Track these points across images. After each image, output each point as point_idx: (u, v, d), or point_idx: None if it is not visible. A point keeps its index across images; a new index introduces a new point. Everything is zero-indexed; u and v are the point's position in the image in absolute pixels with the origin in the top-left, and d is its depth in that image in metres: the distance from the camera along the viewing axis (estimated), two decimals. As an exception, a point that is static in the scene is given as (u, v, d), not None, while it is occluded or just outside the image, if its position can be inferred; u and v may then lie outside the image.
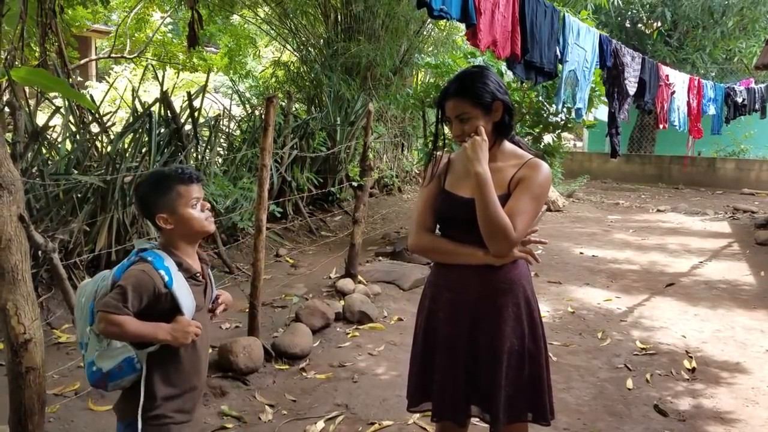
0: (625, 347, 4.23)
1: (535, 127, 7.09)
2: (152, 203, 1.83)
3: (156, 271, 1.76)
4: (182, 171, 1.86)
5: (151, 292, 1.74)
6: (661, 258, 7.09)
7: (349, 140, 7.90)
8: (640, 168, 15.79)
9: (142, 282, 1.74)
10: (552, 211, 10.32)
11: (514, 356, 2.00)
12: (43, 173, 4.16)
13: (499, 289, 2.00)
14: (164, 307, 1.77)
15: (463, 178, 2.04)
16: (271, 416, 3.14)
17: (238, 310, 4.52)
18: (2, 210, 2.08)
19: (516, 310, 2.01)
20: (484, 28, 4.03)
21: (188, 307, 1.80)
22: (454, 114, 2.00)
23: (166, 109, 5.38)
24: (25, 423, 2.23)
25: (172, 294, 1.76)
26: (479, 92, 1.96)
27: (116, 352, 1.78)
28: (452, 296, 2.05)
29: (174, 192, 1.82)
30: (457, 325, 2.03)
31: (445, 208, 2.06)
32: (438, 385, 2.07)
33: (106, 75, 15.14)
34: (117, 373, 1.78)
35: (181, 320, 1.78)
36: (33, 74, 3.71)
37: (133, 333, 1.72)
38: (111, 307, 1.69)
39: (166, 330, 1.75)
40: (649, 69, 6.63)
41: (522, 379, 2.01)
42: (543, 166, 2.00)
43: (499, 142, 2.04)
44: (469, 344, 2.02)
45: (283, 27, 10.04)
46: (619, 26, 15.22)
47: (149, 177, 1.91)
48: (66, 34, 6.68)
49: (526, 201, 1.93)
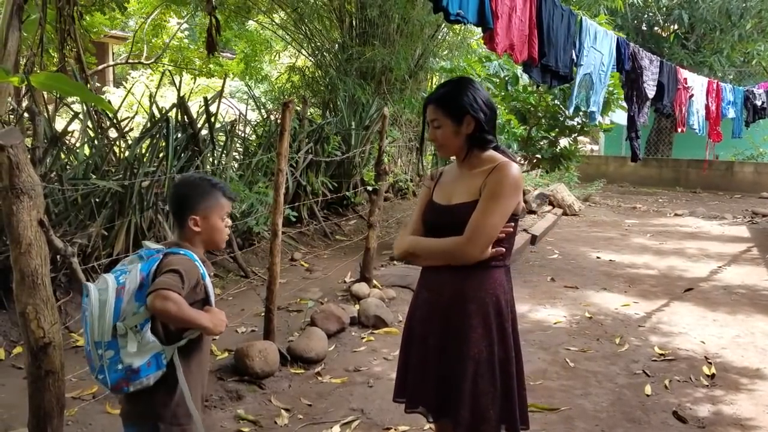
0: (643, 353, 4.19)
1: (551, 130, 7.06)
2: (191, 203, 1.93)
3: (194, 263, 1.85)
4: (226, 188, 2.00)
5: (195, 281, 1.83)
6: (680, 263, 7.02)
7: (364, 144, 7.90)
8: (657, 172, 15.65)
9: (192, 269, 1.83)
10: (568, 215, 10.25)
11: (483, 364, 2.03)
12: (61, 178, 4.20)
13: (469, 295, 2.05)
14: (197, 298, 1.86)
15: (445, 186, 2.18)
16: (287, 420, 3.14)
17: (254, 314, 4.54)
18: (22, 215, 2.09)
19: (485, 318, 2.05)
20: (501, 32, 4.02)
21: (213, 301, 1.91)
22: (429, 119, 2.13)
23: (183, 115, 5.41)
24: (44, 426, 2.24)
25: (205, 286, 1.87)
26: (452, 104, 2.06)
27: (148, 347, 1.80)
28: (428, 296, 2.15)
29: (215, 200, 1.94)
30: (429, 325, 2.12)
31: (429, 216, 2.17)
32: (411, 379, 2.17)
33: (123, 81, 15.30)
34: (145, 370, 1.80)
35: (213, 310, 1.87)
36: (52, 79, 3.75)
37: (186, 313, 1.77)
38: (172, 286, 1.75)
39: (207, 317, 1.83)
40: (668, 72, 6.57)
41: (493, 389, 2.04)
42: (509, 166, 2.05)
43: (473, 152, 2.12)
44: (439, 345, 2.09)
45: (298, 32, 10.09)
46: (636, 29, 15.11)
47: (196, 178, 2.01)
48: (84, 40, 6.75)
49: (489, 203, 1.99)
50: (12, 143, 2.04)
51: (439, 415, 2.14)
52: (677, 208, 11.66)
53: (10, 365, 3.63)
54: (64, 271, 3.80)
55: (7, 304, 4.00)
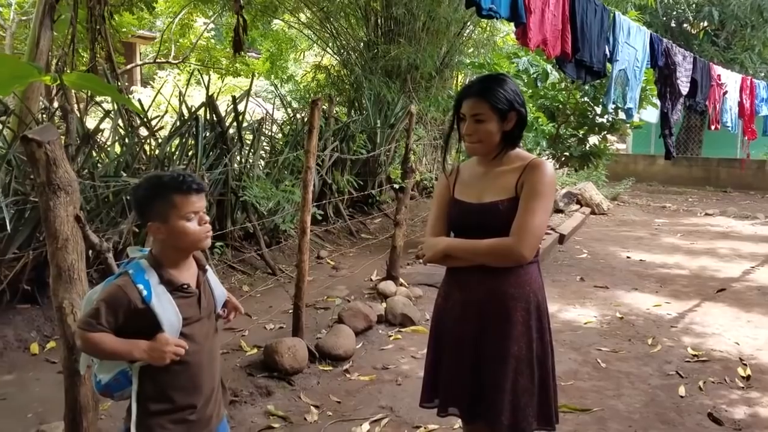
0: (676, 354, 4.11)
1: (580, 128, 6.97)
2: (145, 210, 1.73)
3: (134, 286, 1.67)
4: (182, 180, 1.70)
5: (125, 308, 1.65)
6: (711, 263, 6.88)
7: (389, 143, 7.89)
8: (687, 170, 15.37)
9: (115, 298, 1.66)
10: (596, 214, 10.12)
11: (522, 362, 2.01)
12: (93, 175, 4.25)
13: (508, 293, 2.02)
14: (144, 323, 1.66)
15: (471, 184, 2.12)
16: (316, 417, 3.14)
17: (282, 311, 4.56)
18: (59, 210, 2.11)
19: (525, 315, 2.03)
20: (534, 27, 3.97)
21: (171, 323, 1.69)
22: (470, 113, 2.04)
23: (211, 113, 5.45)
24: (79, 419, 2.26)
25: (151, 310, 1.66)
26: (500, 97, 2.00)
27: (111, 364, 1.73)
28: (463, 296, 2.09)
29: (168, 201, 1.69)
30: (465, 325, 2.07)
31: (456, 216, 2.12)
32: (444, 381, 2.13)
33: (150, 80, 15.48)
34: (115, 386, 1.75)
35: (159, 338, 1.67)
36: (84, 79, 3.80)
37: (108, 351, 1.67)
38: (85, 325, 1.65)
39: (142, 348, 1.66)
40: (701, 68, 6.44)
41: (531, 386, 2.02)
42: (544, 165, 2.04)
43: (506, 150, 2.08)
44: (476, 345, 2.05)
45: (323, 31, 10.10)
46: (665, 26, 14.86)
47: (146, 181, 1.77)
48: (113, 40, 6.84)
49: (534, 203, 1.96)
50: (49, 139, 2.06)
51: (473, 417, 2.11)
52: (708, 208, 11.45)
53: (44, 360, 3.69)
54: (96, 266, 3.85)
55: (40, 299, 4.07)
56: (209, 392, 1.83)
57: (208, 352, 1.83)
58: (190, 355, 1.73)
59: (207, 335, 1.82)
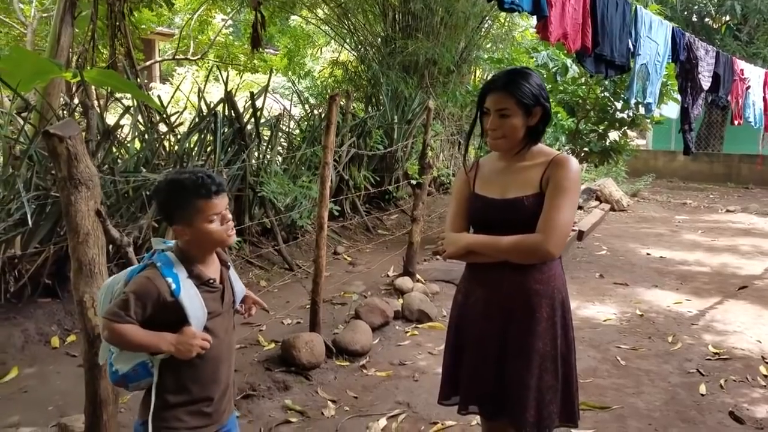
0: (696, 351, 4.06)
1: (599, 123, 6.89)
2: (170, 213, 1.75)
3: (163, 279, 1.69)
4: (202, 183, 1.70)
5: (155, 300, 1.68)
6: (733, 260, 6.79)
7: (406, 138, 7.87)
8: (708, 167, 15.16)
9: (145, 290, 1.68)
10: (616, 211, 10.02)
11: (547, 359, 2.00)
12: (113, 171, 4.29)
13: (533, 289, 2.00)
14: (171, 317, 1.69)
15: (493, 179, 2.09)
16: (333, 412, 3.15)
17: (299, 307, 4.57)
18: (80, 205, 2.13)
19: (550, 311, 2.01)
20: (555, 21, 3.93)
21: (197, 317, 1.72)
22: (495, 107, 2.00)
23: (230, 109, 5.47)
24: (99, 412, 2.29)
25: (179, 303, 1.69)
26: (525, 92, 1.96)
27: (132, 355, 1.74)
28: (486, 293, 2.06)
29: (192, 206, 1.70)
30: (489, 322, 2.05)
31: (478, 211, 2.09)
32: (466, 378, 2.10)
33: (169, 77, 15.59)
34: (133, 376, 1.75)
35: (186, 332, 1.70)
36: (104, 75, 3.84)
37: (135, 342, 1.67)
38: (113, 315, 1.65)
39: (169, 341, 1.68)
40: (724, 63, 6.32)
41: (556, 382, 2.01)
42: (570, 160, 2.01)
43: (529, 145, 2.05)
44: (500, 342, 2.03)
45: (341, 26, 10.09)
46: (686, 21, 14.65)
47: (167, 185, 1.76)
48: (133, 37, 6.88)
49: (560, 199, 1.94)
50: (70, 134, 2.08)
51: (495, 414, 2.09)
52: (729, 204, 11.29)
53: (65, 353, 3.73)
54: (117, 261, 3.88)
55: (60, 293, 4.12)
56: (225, 386, 1.86)
57: (227, 346, 1.85)
58: (212, 348, 1.76)
59: (227, 330, 1.85)
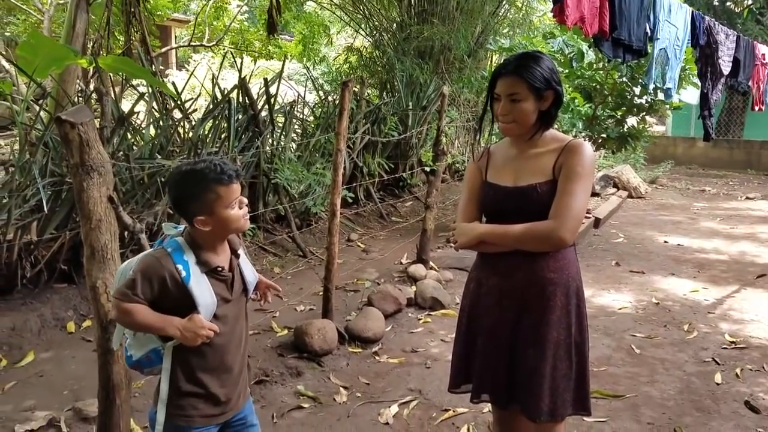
0: (712, 340, 4.02)
1: (617, 109, 6.78)
2: (190, 206, 1.71)
3: (173, 264, 1.69)
4: (221, 170, 1.70)
5: (162, 280, 1.67)
6: (752, 248, 6.69)
7: (421, 125, 7.82)
8: (728, 153, 14.91)
9: (151, 268, 1.68)
10: (633, 198, 9.91)
11: (561, 347, 1.98)
12: (128, 157, 4.31)
13: (547, 277, 1.97)
14: (180, 302, 1.69)
15: (504, 167, 2.06)
16: (345, 398, 3.16)
17: (312, 293, 4.58)
18: (92, 191, 2.14)
19: (564, 300, 1.99)
20: (571, 4, 3.87)
21: (206, 305, 1.71)
22: (506, 92, 1.96)
23: (244, 96, 5.47)
24: (113, 397, 2.31)
25: (189, 290, 1.68)
26: (536, 76, 1.93)
27: (144, 340, 1.76)
28: (499, 282, 2.04)
29: (213, 194, 1.69)
30: (502, 311, 2.03)
31: (490, 200, 2.06)
32: (479, 367, 2.09)
33: (185, 64, 15.61)
34: (146, 362, 1.78)
35: (194, 319, 1.69)
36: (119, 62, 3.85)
37: (142, 322, 1.67)
38: (121, 295, 1.66)
39: (176, 326, 1.68)
40: (744, 47, 6.19)
41: (570, 371, 2.00)
42: (584, 146, 1.98)
43: (542, 130, 2.01)
44: (514, 330, 2.01)
45: (356, 12, 10.03)
46: (707, 4, 14.35)
47: (184, 176, 1.72)
48: (148, 23, 6.89)
49: (574, 185, 1.91)
50: (82, 121, 2.08)
51: (508, 402, 2.08)
52: (749, 192, 11.11)
53: (80, 338, 3.78)
54: (131, 247, 3.91)
55: (76, 278, 4.16)
56: (238, 373, 1.86)
57: (237, 333, 1.85)
58: (221, 336, 1.76)
59: (237, 317, 1.85)
